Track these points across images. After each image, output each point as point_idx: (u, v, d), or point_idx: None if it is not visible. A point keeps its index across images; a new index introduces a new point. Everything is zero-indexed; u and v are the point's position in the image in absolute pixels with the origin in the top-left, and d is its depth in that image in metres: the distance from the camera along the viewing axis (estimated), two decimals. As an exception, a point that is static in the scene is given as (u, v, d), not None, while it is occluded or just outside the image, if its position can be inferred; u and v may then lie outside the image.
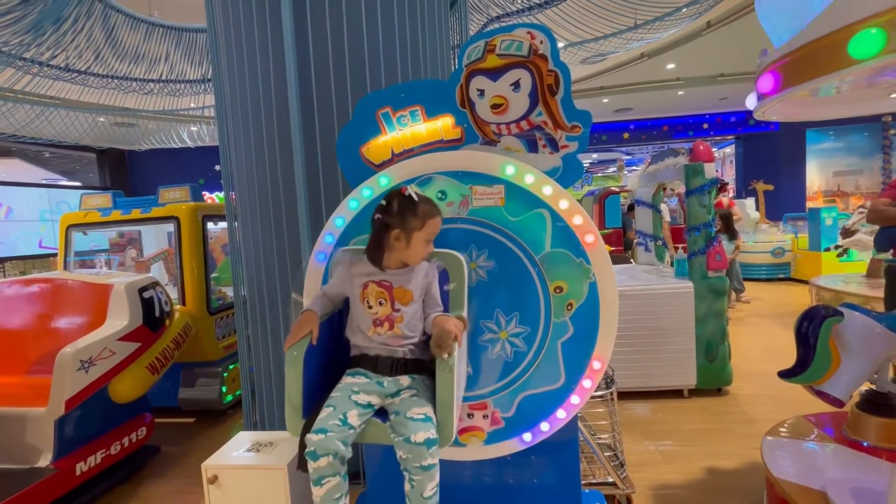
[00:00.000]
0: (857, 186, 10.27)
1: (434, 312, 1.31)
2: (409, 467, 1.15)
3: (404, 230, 1.26)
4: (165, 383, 3.12)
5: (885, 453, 1.74)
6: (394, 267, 1.30)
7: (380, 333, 1.28)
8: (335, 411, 1.16)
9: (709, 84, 8.43)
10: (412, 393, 1.24)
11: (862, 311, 1.85)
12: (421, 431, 1.13)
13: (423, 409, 1.18)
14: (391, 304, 1.27)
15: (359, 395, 1.22)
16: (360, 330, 1.31)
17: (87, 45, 4.53)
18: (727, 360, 3.18)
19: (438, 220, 1.31)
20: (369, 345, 1.30)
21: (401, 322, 1.27)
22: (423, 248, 1.29)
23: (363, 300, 1.29)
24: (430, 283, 1.32)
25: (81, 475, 2.23)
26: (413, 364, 1.29)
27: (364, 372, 1.28)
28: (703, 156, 3.20)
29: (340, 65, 2.16)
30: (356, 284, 1.31)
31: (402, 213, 1.26)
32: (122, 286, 2.59)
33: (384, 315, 1.27)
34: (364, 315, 1.29)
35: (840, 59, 1.24)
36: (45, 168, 10.46)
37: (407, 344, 1.29)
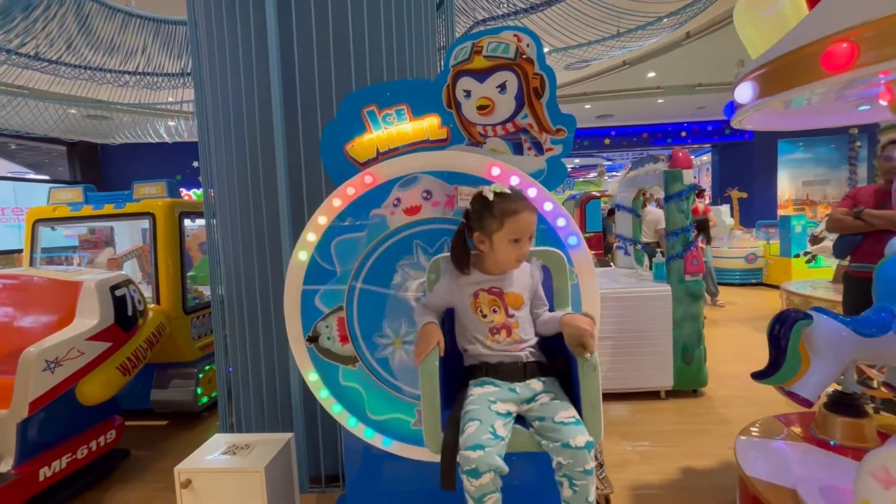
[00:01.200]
0: (825, 196, 10.69)
1: (542, 311, 1.30)
2: (572, 472, 1.10)
3: (484, 232, 1.23)
4: (137, 384, 3.01)
5: (850, 452, 1.80)
6: (497, 272, 1.27)
7: (499, 341, 1.26)
8: (483, 425, 1.11)
9: (687, 93, 8.68)
10: (551, 396, 1.20)
11: (830, 314, 1.92)
12: (579, 435, 1.09)
13: (569, 412, 1.15)
14: (505, 311, 1.25)
15: (496, 404, 1.18)
16: (476, 339, 1.28)
17: (59, 33, 4.37)
18: (703, 362, 3.26)
19: (524, 215, 1.20)
20: (490, 353, 1.27)
21: (517, 327, 1.26)
22: (509, 250, 1.22)
23: (475, 310, 1.26)
24: (537, 283, 1.31)
25: (45, 480, 2.13)
26: (537, 366, 1.27)
27: (491, 380, 1.24)
28: (682, 162, 3.29)
29: (325, 61, 2.14)
30: (466, 294, 1.28)
31: (479, 214, 1.23)
32: (92, 283, 2.49)
33: (500, 322, 1.25)
34: (479, 324, 1.27)
35: (813, 72, 1.29)
36: (12, 161, 10.02)
37: (527, 347, 1.27)
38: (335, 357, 1.55)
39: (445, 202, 1.46)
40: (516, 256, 1.24)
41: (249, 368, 2.36)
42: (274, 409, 2.35)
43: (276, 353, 2.30)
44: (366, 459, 1.61)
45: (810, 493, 1.54)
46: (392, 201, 1.49)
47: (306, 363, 1.56)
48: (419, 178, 1.47)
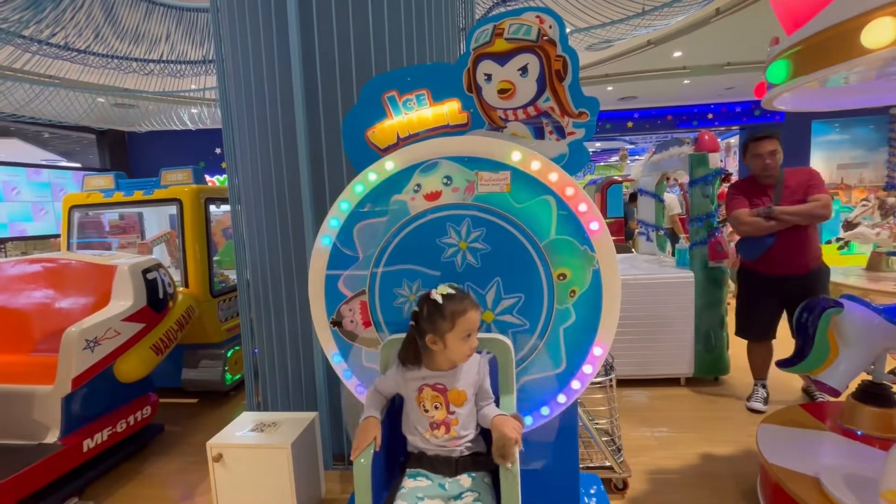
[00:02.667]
0: (861, 179, 10.22)
1: (486, 405, 1.32)
2: None
3: (436, 334, 1.27)
4: (169, 364, 3.15)
5: (878, 442, 1.77)
6: (445, 368, 1.31)
7: (437, 436, 1.30)
8: None
9: (715, 73, 8.32)
10: (474, 497, 1.25)
11: (861, 302, 1.86)
12: None
13: None
14: (446, 408, 1.29)
15: (424, 500, 1.24)
16: (417, 430, 1.33)
17: (86, 23, 4.46)
18: (725, 349, 3.21)
19: (472, 314, 1.28)
20: (427, 446, 1.32)
21: (456, 424, 1.30)
22: (462, 346, 1.27)
23: (419, 404, 1.31)
24: (483, 378, 1.34)
25: (88, 451, 2.27)
26: (471, 460, 1.31)
27: (425, 473, 1.30)
28: (708, 145, 3.19)
29: (345, 46, 2.14)
30: (411, 388, 1.33)
31: (430, 316, 1.27)
32: (125, 267, 2.60)
33: (440, 419, 1.30)
34: (421, 417, 1.32)
35: (853, 48, 1.23)
36: (45, 149, 10.39)
37: (463, 443, 1.31)
38: (358, 339, 1.59)
39: (466, 188, 1.46)
40: (469, 352, 1.29)
41: (275, 350, 2.44)
42: (298, 388, 2.43)
43: (301, 335, 2.37)
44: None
45: (834, 481, 1.52)
46: (413, 187, 1.49)
47: (330, 345, 1.60)
48: (439, 163, 1.47)
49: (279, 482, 1.91)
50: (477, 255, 1.47)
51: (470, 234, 1.47)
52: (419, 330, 1.30)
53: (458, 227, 1.48)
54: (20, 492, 1.93)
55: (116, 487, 2.35)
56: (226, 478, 1.94)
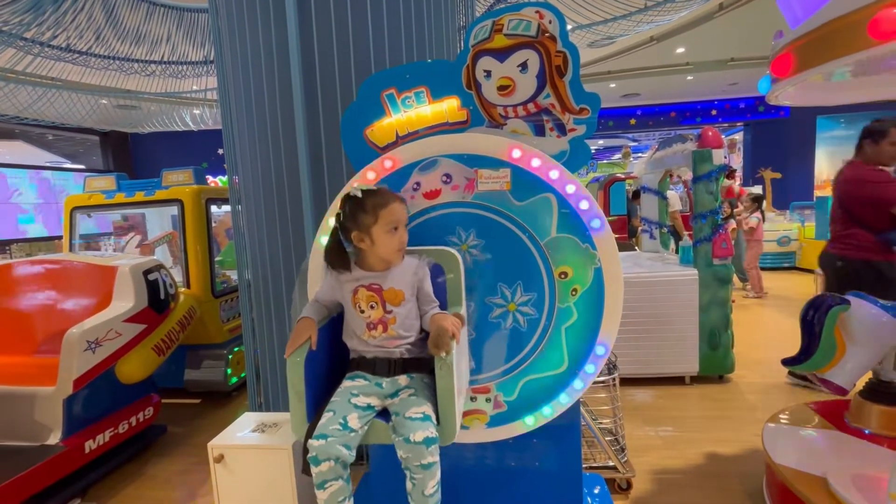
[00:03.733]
0: (867, 175, 10.12)
1: (430, 309, 1.30)
2: (410, 466, 1.16)
3: (361, 230, 1.25)
4: (171, 365, 3.16)
5: (886, 441, 1.74)
6: (379, 268, 1.29)
7: (374, 336, 1.28)
8: (335, 416, 1.17)
9: (719, 69, 8.28)
10: (410, 392, 1.24)
11: (869, 299, 1.84)
12: (419, 431, 1.14)
13: (420, 409, 1.19)
14: (382, 307, 1.27)
15: (358, 397, 1.23)
16: (355, 334, 1.32)
17: (87, 24, 4.48)
18: (730, 347, 3.18)
19: (395, 206, 1.26)
20: (366, 348, 1.31)
21: (394, 323, 1.27)
22: (390, 239, 1.25)
23: (355, 305, 1.29)
24: (421, 280, 1.31)
25: (90, 453, 2.27)
26: (412, 363, 1.30)
27: (363, 374, 1.29)
28: (712, 142, 3.16)
29: (344, 45, 2.12)
30: (346, 290, 1.30)
31: (352, 213, 1.26)
32: (127, 268, 2.60)
33: (377, 318, 1.28)
34: (357, 319, 1.30)
35: (859, 41, 1.21)
36: (49, 151, 10.45)
37: (403, 344, 1.29)
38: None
39: (465, 185, 1.45)
40: (398, 245, 1.27)
41: (276, 350, 2.44)
42: (300, 389, 2.43)
43: (301, 335, 2.36)
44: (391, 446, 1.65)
45: (842, 481, 1.49)
46: (412, 185, 1.48)
47: (330, 345, 1.59)
48: (439, 161, 1.46)
49: (281, 483, 1.90)
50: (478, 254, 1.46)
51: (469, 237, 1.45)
52: (344, 230, 1.27)
53: (459, 230, 1.46)
54: (23, 493, 1.93)
55: (119, 488, 2.35)
56: (227, 479, 1.93)
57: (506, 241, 1.43)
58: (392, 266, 1.29)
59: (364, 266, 1.30)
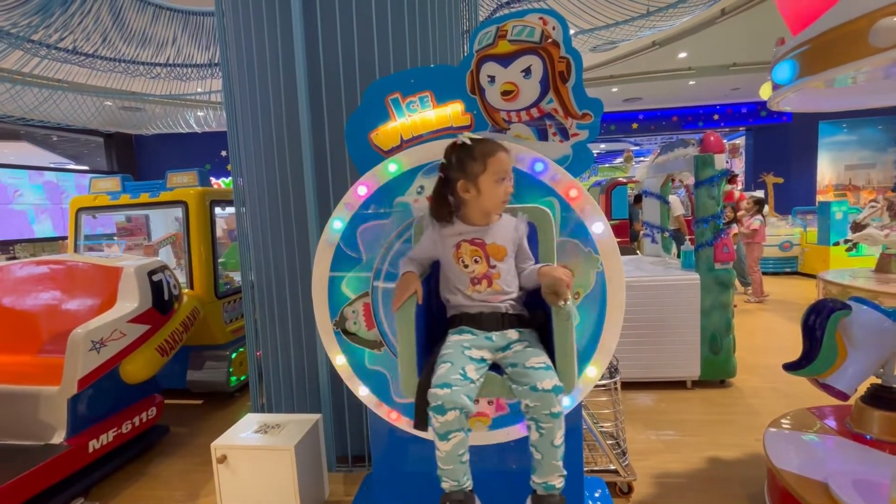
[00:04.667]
0: (869, 180, 10.12)
1: (527, 266, 1.30)
2: (538, 415, 1.13)
3: (468, 178, 1.24)
4: (174, 366, 3.17)
5: (888, 446, 1.74)
6: (480, 223, 1.29)
7: (479, 291, 1.27)
8: (454, 366, 1.15)
9: (721, 74, 8.28)
10: (525, 344, 1.23)
11: (870, 305, 1.84)
12: (547, 379, 1.12)
13: (541, 358, 1.17)
14: (486, 261, 1.26)
15: (471, 350, 1.21)
16: (457, 290, 1.30)
17: (94, 27, 4.52)
18: (731, 352, 3.19)
19: (502, 155, 1.24)
20: (470, 303, 1.29)
21: (498, 278, 1.27)
22: (496, 189, 1.24)
23: (458, 260, 1.28)
24: (521, 236, 1.31)
25: (94, 452, 2.28)
26: (517, 318, 1.29)
27: (469, 329, 1.27)
28: (714, 146, 3.17)
29: (349, 49, 2.15)
30: (448, 245, 1.30)
31: (460, 161, 1.24)
32: (131, 269, 2.62)
33: (481, 273, 1.27)
34: (460, 274, 1.28)
35: (860, 48, 1.22)
36: (53, 152, 10.51)
37: (507, 299, 1.28)
38: (361, 341, 1.59)
39: (469, 189, 1.46)
40: (503, 197, 1.26)
41: (279, 351, 2.45)
42: (302, 390, 2.44)
43: (305, 336, 2.37)
44: (391, 440, 1.65)
45: (843, 486, 1.50)
46: (416, 189, 1.49)
47: (333, 347, 1.60)
48: (443, 165, 1.47)
49: (283, 484, 1.91)
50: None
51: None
52: (448, 181, 1.26)
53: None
54: (26, 492, 1.94)
55: (122, 488, 2.36)
56: (230, 479, 1.95)
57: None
58: (492, 221, 1.29)
59: (466, 220, 1.30)
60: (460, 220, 1.30)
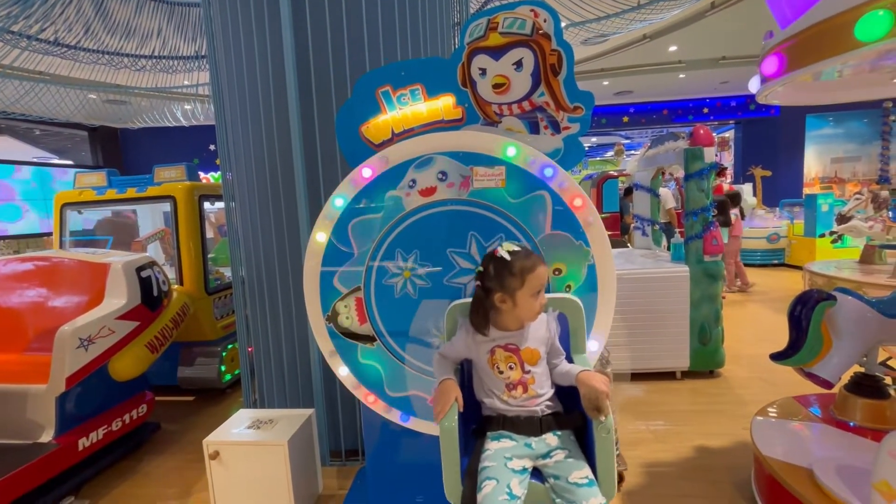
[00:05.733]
0: (855, 173, 10.28)
1: (559, 362, 1.31)
2: None
3: (506, 292, 1.24)
4: (165, 362, 3.14)
5: (870, 433, 1.79)
6: (514, 328, 1.29)
7: (516, 397, 1.28)
8: (499, 484, 1.14)
9: (711, 67, 8.34)
10: (566, 454, 1.22)
11: (855, 295, 1.88)
12: (592, 498, 1.12)
13: (583, 472, 1.17)
14: (521, 367, 1.28)
15: (512, 461, 1.21)
16: (493, 393, 1.31)
17: (76, 18, 4.40)
18: (720, 343, 3.23)
19: (541, 270, 1.25)
20: (507, 407, 1.30)
21: (533, 383, 1.28)
22: (532, 304, 1.25)
23: (492, 366, 1.29)
24: (553, 336, 1.32)
25: (84, 450, 2.26)
26: (553, 419, 1.29)
27: (508, 434, 1.27)
28: (704, 140, 3.19)
29: (339, 41, 2.12)
30: (483, 351, 1.31)
31: (498, 275, 1.25)
32: (119, 265, 2.58)
33: (517, 379, 1.28)
34: (496, 379, 1.30)
35: (846, 42, 1.23)
36: (36, 146, 10.28)
37: (543, 401, 1.30)
38: (353, 336, 1.59)
39: (461, 183, 1.46)
40: (539, 309, 1.27)
41: (271, 347, 2.44)
42: (295, 385, 2.43)
43: (297, 331, 2.36)
44: (384, 434, 1.66)
45: (827, 472, 1.53)
46: (407, 182, 1.49)
47: (325, 342, 1.60)
48: (434, 159, 1.47)
49: (276, 479, 1.91)
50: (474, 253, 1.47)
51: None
52: (486, 290, 1.27)
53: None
54: (15, 491, 1.92)
55: (113, 486, 2.34)
56: (223, 475, 1.94)
57: (501, 238, 1.45)
58: (526, 325, 1.30)
59: (498, 325, 1.30)
60: (493, 326, 1.30)
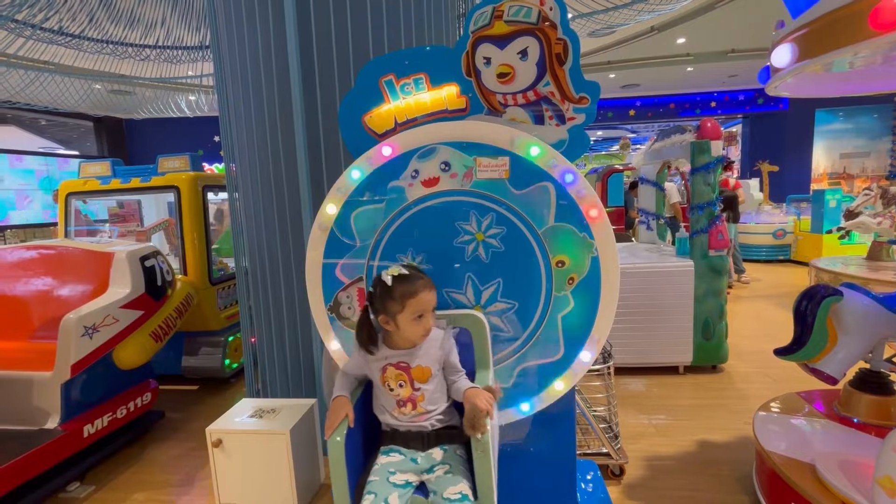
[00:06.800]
0: (864, 169, 10.16)
1: (458, 378, 1.31)
2: None
3: (388, 315, 1.26)
4: (169, 351, 3.17)
5: (874, 429, 1.78)
6: (405, 346, 1.30)
7: (405, 413, 1.30)
8: (377, 498, 1.17)
9: (719, 60, 8.23)
10: (446, 469, 1.24)
11: (861, 291, 1.86)
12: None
13: (458, 488, 1.18)
14: (411, 385, 1.29)
15: (395, 475, 1.23)
16: (386, 410, 1.33)
17: (80, 6, 4.39)
18: (724, 338, 3.22)
19: (423, 295, 1.26)
20: (398, 423, 1.32)
21: (422, 400, 1.29)
22: (414, 327, 1.26)
23: (384, 383, 1.31)
24: (448, 353, 1.32)
25: (89, 437, 2.29)
26: (444, 434, 1.31)
27: (397, 448, 1.30)
28: (711, 133, 3.15)
29: (342, 30, 2.10)
30: (375, 368, 1.32)
31: (381, 298, 1.27)
32: (123, 254, 2.59)
33: (406, 396, 1.29)
34: (387, 397, 1.31)
35: (860, 31, 1.20)
36: (42, 136, 10.32)
37: (433, 416, 1.31)
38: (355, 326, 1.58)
39: (464, 174, 1.45)
40: (422, 332, 1.28)
41: (273, 337, 2.45)
42: (297, 375, 2.44)
43: (299, 322, 2.37)
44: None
45: (829, 467, 1.53)
46: (410, 173, 1.47)
47: (328, 332, 1.60)
48: (437, 149, 1.45)
49: (278, 467, 1.92)
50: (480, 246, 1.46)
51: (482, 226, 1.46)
52: (373, 310, 1.29)
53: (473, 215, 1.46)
54: (21, 476, 1.95)
55: (118, 472, 2.37)
56: (225, 463, 1.96)
57: (504, 229, 1.44)
58: (417, 343, 1.30)
59: (391, 344, 1.31)
60: (385, 345, 1.31)
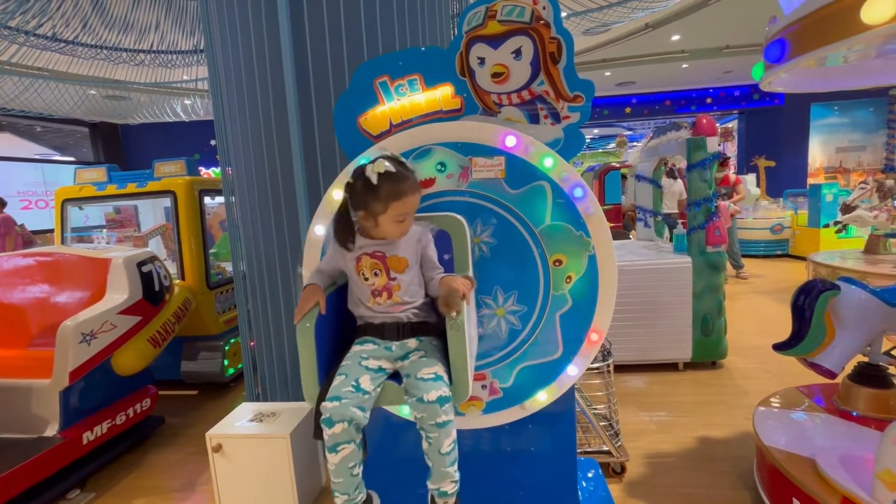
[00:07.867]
0: (860, 163, 10.19)
1: (436, 275, 1.30)
2: (425, 426, 1.16)
3: (367, 212, 1.23)
4: (168, 357, 3.16)
5: (873, 422, 1.78)
6: (381, 237, 1.28)
7: (379, 303, 1.28)
8: (347, 378, 1.16)
9: (714, 56, 8.25)
10: (420, 354, 1.24)
11: (859, 285, 1.86)
12: (432, 390, 1.13)
13: (432, 369, 1.19)
14: (386, 274, 1.27)
15: (368, 360, 1.23)
16: (360, 302, 1.32)
17: (73, 12, 4.38)
18: (723, 334, 3.22)
19: (410, 198, 1.22)
20: (373, 314, 1.30)
21: (398, 290, 1.27)
22: (393, 228, 1.23)
23: (359, 273, 1.29)
24: (425, 246, 1.30)
25: (88, 444, 2.28)
26: (419, 326, 1.29)
27: (372, 339, 1.29)
28: (706, 129, 3.16)
29: (336, 32, 2.10)
30: (349, 258, 1.30)
31: (363, 194, 1.22)
32: (120, 260, 2.59)
33: (381, 285, 1.27)
34: (362, 287, 1.30)
35: (853, 25, 1.21)
36: (38, 143, 10.29)
37: (409, 309, 1.29)
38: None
39: (460, 174, 1.45)
40: (401, 233, 1.25)
41: (272, 341, 2.44)
42: (297, 379, 2.43)
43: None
44: (386, 426, 1.66)
45: (829, 461, 1.53)
46: (407, 174, 1.47)
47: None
48: (433, 149, 1.45)
49: (279, 471, 1.92)
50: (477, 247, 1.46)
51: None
52: (352, 203, 1.25)
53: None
54: (21, 484, 1.94)
55: (117, 479, 2.36)
56: (226, 468, 1.95)
57: (501, 229, 1.44)
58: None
59: (367, 235, 1.29)
60: (362, 235, 1.29)
